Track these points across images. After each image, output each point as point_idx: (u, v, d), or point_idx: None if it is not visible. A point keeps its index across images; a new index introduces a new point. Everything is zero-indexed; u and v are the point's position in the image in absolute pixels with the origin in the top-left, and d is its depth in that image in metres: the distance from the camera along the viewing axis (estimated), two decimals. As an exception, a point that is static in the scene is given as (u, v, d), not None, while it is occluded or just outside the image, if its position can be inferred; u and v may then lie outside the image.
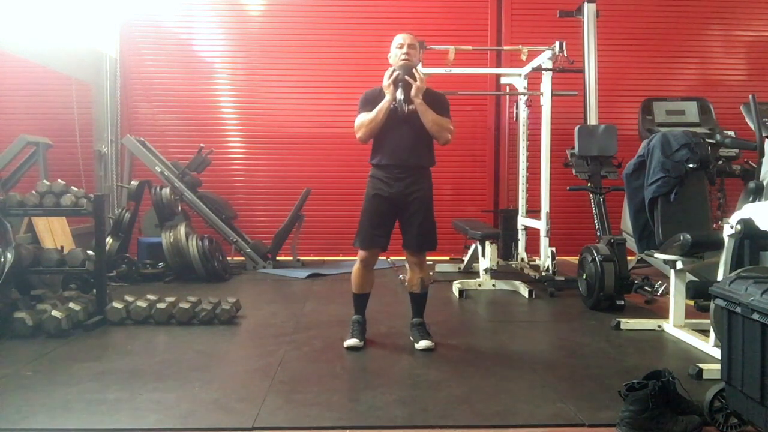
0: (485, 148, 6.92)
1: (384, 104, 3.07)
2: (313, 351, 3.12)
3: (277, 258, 6.04)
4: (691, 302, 3.14)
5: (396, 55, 3.22)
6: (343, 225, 6.71)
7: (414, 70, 3.07)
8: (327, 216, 6.66)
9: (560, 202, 5.85)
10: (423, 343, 3.12)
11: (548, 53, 5.03)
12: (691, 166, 3.43)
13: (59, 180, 3.86)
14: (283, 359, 2.94)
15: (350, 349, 3.11)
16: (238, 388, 2.56)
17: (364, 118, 3.12)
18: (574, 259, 4.62)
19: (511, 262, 5.80)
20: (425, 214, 3.17)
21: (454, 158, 6.75)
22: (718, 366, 2.33)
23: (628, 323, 3.54)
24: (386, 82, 3.07)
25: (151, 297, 3.77)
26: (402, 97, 3.02)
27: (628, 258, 4.23)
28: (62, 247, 3.99)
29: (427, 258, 3.34)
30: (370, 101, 3.16)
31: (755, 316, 1.84)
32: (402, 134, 3.10)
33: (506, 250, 5.88)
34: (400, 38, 3.25)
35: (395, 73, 3.05)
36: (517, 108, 5.99)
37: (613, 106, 6.44)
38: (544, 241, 5.01)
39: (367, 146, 3.24)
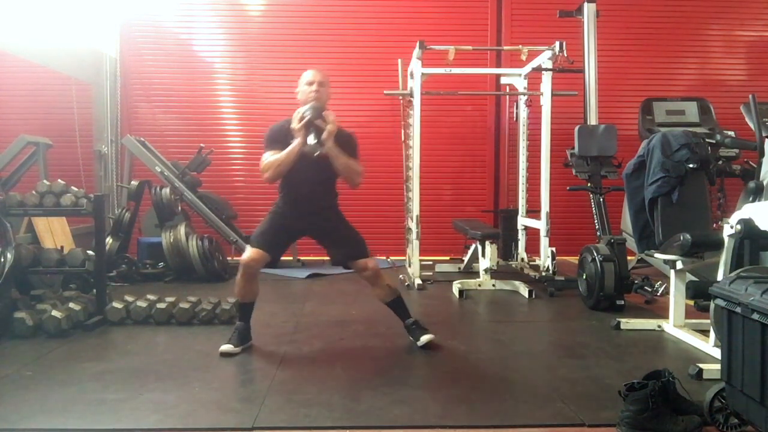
0: (485, 148, 6.92)
1: (294, 147, 2.96)
2: (313, 351, 3.12)
3: (277, 258, 6.03)
4: (691, 302, 3.14)
5: (304, 92, 3.12)
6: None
7: (324, 112, 2.98)
8: (327, 216, 6.64)
9: (560, 202, 5.85)
10: (424, 338, 3.10)
11: (548, 53, 5.03)
12: (691, 166, 3.43)
13: (59, 180, 3.86)
14: (283, 359, 2.94)
15: (223, 354, 2.98)
16: (238, 388, 2.56)
17: (272, 159, 3.00)
18: (574, 259, 4.62)
19: (511, 262, 5.80)
20: (342, 231, 3.20)
21: (454, 158, 6.76)
22: (718, 366, 2.33)
23: (628, 323, 3.54)
24: (296, 125, 2.95)
25: (151, 297, 3.77)
26: (314, 141, 2.94)
27: (628, 258, 4.23)
28: (62, 247, 3.98)
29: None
30: (276, 139, 3.06)
31: (755, 316, 1.84)
32: (310, 176, 3.05)
33: (506, 250, 5.88)
34: (310, 75, 3.13)
35: (306, 116, 2.95)
36: (517, 108, 5.99)
37: (613, 106, 6.44)
38: (544, 241, 5.01)
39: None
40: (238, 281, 3.12)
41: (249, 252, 3.05)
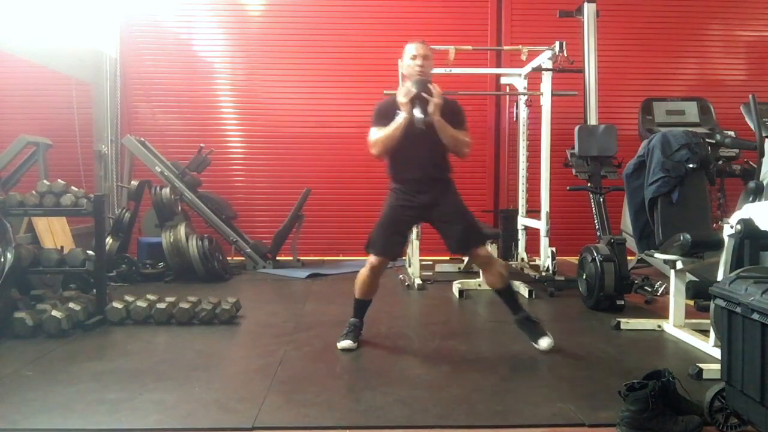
0: (485, 148, 6.92)
1: (401, 121, 2.98)
2: (313, 351, 3.12)
3: (277, 258, 6.04)
4: (691, 302, 3.14)
5: (409, 66, 3.10)
6: (343, 225, 6.73)
7: (429, 84, 2.98)
8: (327, 216, 6.66)
9: (560, 202, 5.84)
10: (544, 343, 3.04)
11: (548, 53, 5.03)
12: (691, 166, 3.43)
13: (59, 180, 3.86)
14: (283, 359, 2.94)
15: (344, 350, 3.09)
16: (238, 388, 2.56)
17: (379, 134, 3.05)
18: (574, 259, 4.62)
19: (511, 262, 5.80)
20: (460, 216, 3.15)
21: (454, 158, 6.75)
22: (718, 366, 2.33)
23: (628, 323, 3.54)
24: (402, 99, 2.98)
25: (151, 297, 3.77)
26: (420, 115, 2.95)
27: (628, 258, 4.23)
28: (62, 247, 3.98)
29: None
30: (384, 115, 3.07)
31: (755, 316, 1.84)
32: (420, 149, 3.04)
33: (506, 250, 5.88)
34: (413, 48, 3.10)
35: (411, 91, 2.96)
36: (517, 108, 5.99)
37: (613, 106, 6.44)
38: (544, 241, 5.01)
39: (370, 149, 3.21)
40: (363, 281, 3.18)
41: (371, 259, 3.12)
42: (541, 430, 2.17)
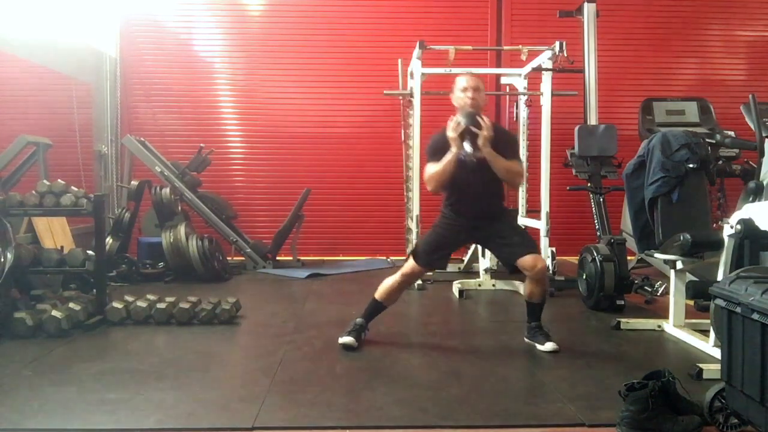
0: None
1: (451, 157, 2.98)
2: (313, 351, 3.12)
3: (277, 258, 6.04)
4: (691, 302, 3.14)
5: (459, 98, 3.10)
6: (343, 225, 6.73)
7: (479, 117, 2.97)
8: (327, 216, 6.66)
9: (560, 202, 5.85)
10: (550, 345, 3.06)
11: (548, 53, 5.03)
12: (691, 166, 3.43)
13: (59, 180, 3.86)
14: (283, 359, 2.94)
15: (345, 347, 3.09)
16: (238, 388, 2.56)
17: (432, 171, 3.06)
18: (574, 259, 4.62)
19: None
20: (516, 233, 3.17)
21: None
22: (718, 366, 2.33)
23: (628, 323, 3.54)
24: (451, 134, 2.97)
25: (151, 297, 3.77)
26: (470, 149, 2.94)
27: (628, 258, 4.23)
28: (62, 247, 3.99)
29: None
30: (437, 150, 3.06)
31: (755, 316, 1.84)
32: (473, 182, 3.04)
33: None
34: (463, 81, 3.11)
35: (460, 124, 2.95)
36: (517, 108, 5.99)
37: (613, 106, 6.44)
38: (544, 241, 5.01)
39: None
40: (392, 286, 3.18)
41: (413, 266, 3.14)
42: (541, 430, 2.17)
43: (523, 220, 5.70)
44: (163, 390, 2.50)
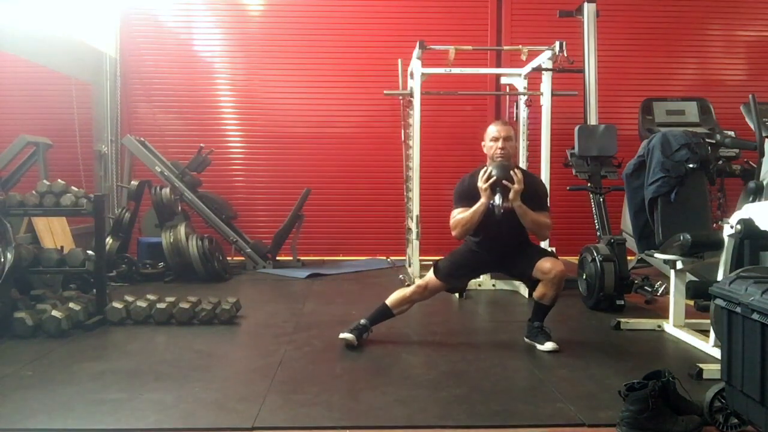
0: (485, 148, 6.91)
1: (480, 207, 3.01)
2: (313, 351, 3.12)
3: (277, 258, 6.04)
4: (691, 302, 3.14)
5: (490, 147, 3.13)
6: (343, 225, 6.73)
7: (512, 171, 2.98)
8: (327, 216, 6.66)
9: (560, 202, 5.84)
10: (549, 345, 3.09)
11: (548, 53, 5.02)
12: (691, 166, 3.43)
13: (59, 180, 3.86)
14: (283, 359, 2.94)
15: (345, 342, 3.10)
16: (238, 388, 2.56)
17: (459, 217, 3.08)
18: (574, 259, 4.62)
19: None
20: (532, 249, 3.22)
21: (454, 158, 6.74)
22: (718, 366, 2.33)
23: (628, 323, 3.54)
24: (482, 184, 2.99)
25: (151, 297, 3.77)
26: (499, 202, 2.94)
27: (628, 258, 4.23)
28: (62, 247, 3.98)
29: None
30: (465, 196, 3.10)
31: (755, 316, 1.84)
32: (500, 231, 3.08)
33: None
34: (494, 131, 3.14)
35: (492, 176, 2.97)
36: (517, 108, 5.97)
37: (613, 106, 6.43)
38: (544, 241, 5.00)
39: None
40: (404, 295, 3.21)
41: (431, 279, 3.16)
42: (541, 430, 2.17)
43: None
44: (163, 390, 2.50)
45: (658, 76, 6.83)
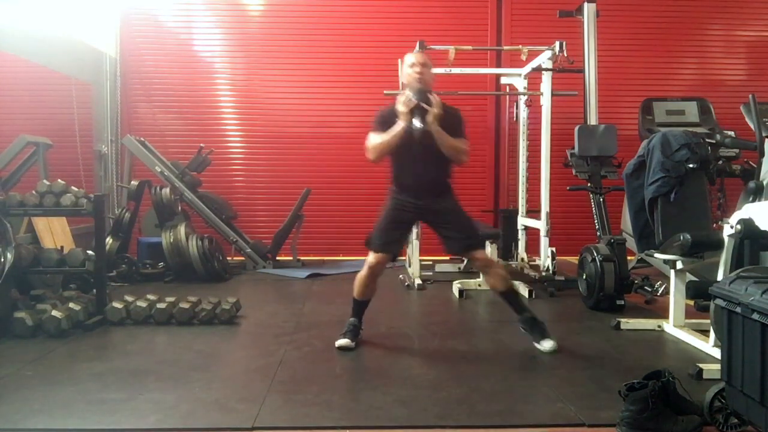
0: (485, 148, 6.92)
1: (398, 130, 3.02)
2: (313, 351, 3.12)
3: (277, 258, 6.04)
4: (691, 302, 3.14)
5: (408, 74, 3.14)
6: (343, 225, 6.73)
7: (429, 94, 3.01)
8: (327, 216, 6.66)
9: (560, 202, 5.84)
10: (547, 346, 3.06)
11: (548, 53, 5.03)
12: (691, 166, 3.43)
13: (59, 180, 3.86)
14: (283, 359, 2.94)
15: (342, 349, 3.09)
16: (238, 388, 2.56)
17: (376, 140, 3.09)
18: (574, 259, 4.62)
19: (511, 262, 5.79)
20: (458, 220, 3.18)
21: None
22: (718, 366, 2.33)
23: (628, 323, 3.54)
24: (402, 108, 3.00)
25: (151, 297, 3.77)
26: (418, 125, 2.98)
27: (628, 258, 4.22)
28: (62, 247, 3.98)
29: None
30: (384, 121, 3.10)
31: (755, 316, 1.84)
32: (419, 156, 3.07)
33: (506, 250, 5.88)
34: (411, 57, 3.17)
35: (411, 99, 2.99)
36: (517, 108, 5.99)
37: (613, 106, 6.43)
38: (544, 241, 5.01)
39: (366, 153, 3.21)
40: (362, 281, 3.21)
41: (371, 256, 3.15)
42: (541, 430, 2.17)
43: (523, 220, 5.72)
44: (163, 390, 2.50)
45: (658, 76, 6.84)
